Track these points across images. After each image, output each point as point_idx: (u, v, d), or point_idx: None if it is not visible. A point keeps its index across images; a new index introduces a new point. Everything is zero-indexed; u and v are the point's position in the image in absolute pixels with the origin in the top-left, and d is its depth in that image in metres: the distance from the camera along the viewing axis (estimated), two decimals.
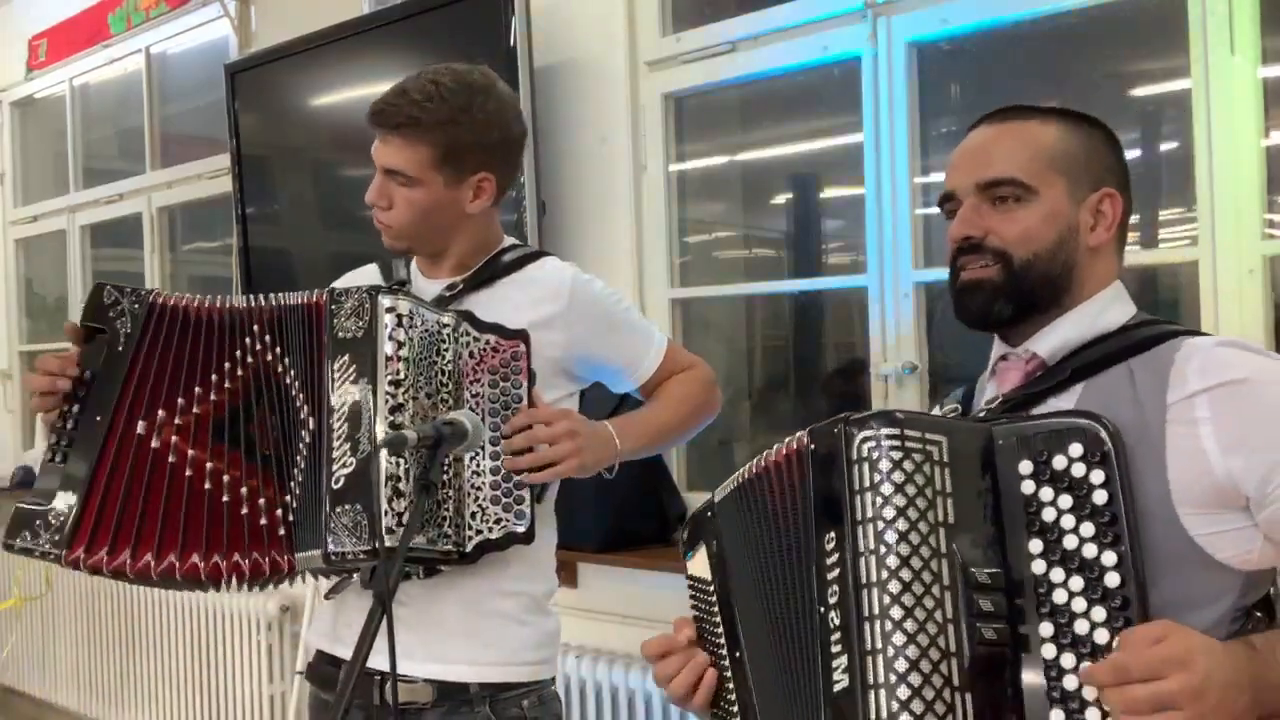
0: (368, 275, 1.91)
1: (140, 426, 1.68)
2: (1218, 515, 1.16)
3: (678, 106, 3.11)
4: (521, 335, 1.74)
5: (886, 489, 1.14)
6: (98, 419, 1.68)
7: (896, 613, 1.10)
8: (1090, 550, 1.12)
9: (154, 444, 1.68)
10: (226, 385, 1.70)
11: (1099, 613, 1.10)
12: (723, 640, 1.33)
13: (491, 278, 1.83)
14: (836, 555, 1.16)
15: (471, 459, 1.68)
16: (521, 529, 1.69)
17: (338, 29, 3.52)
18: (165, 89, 4.91)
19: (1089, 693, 1.09)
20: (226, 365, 1.70)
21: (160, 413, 1.68)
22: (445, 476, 1.65)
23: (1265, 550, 1.17)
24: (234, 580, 1.67)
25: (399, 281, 1.86)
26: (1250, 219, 2.15)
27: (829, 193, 3.14)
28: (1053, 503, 1.15)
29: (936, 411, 1.40)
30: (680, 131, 3.12)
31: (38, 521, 1.66)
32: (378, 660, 1.38)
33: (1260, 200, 2.16)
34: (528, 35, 3.00)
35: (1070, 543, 1.13)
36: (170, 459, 1.68)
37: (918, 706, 1.08)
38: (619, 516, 2.85)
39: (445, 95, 1.74)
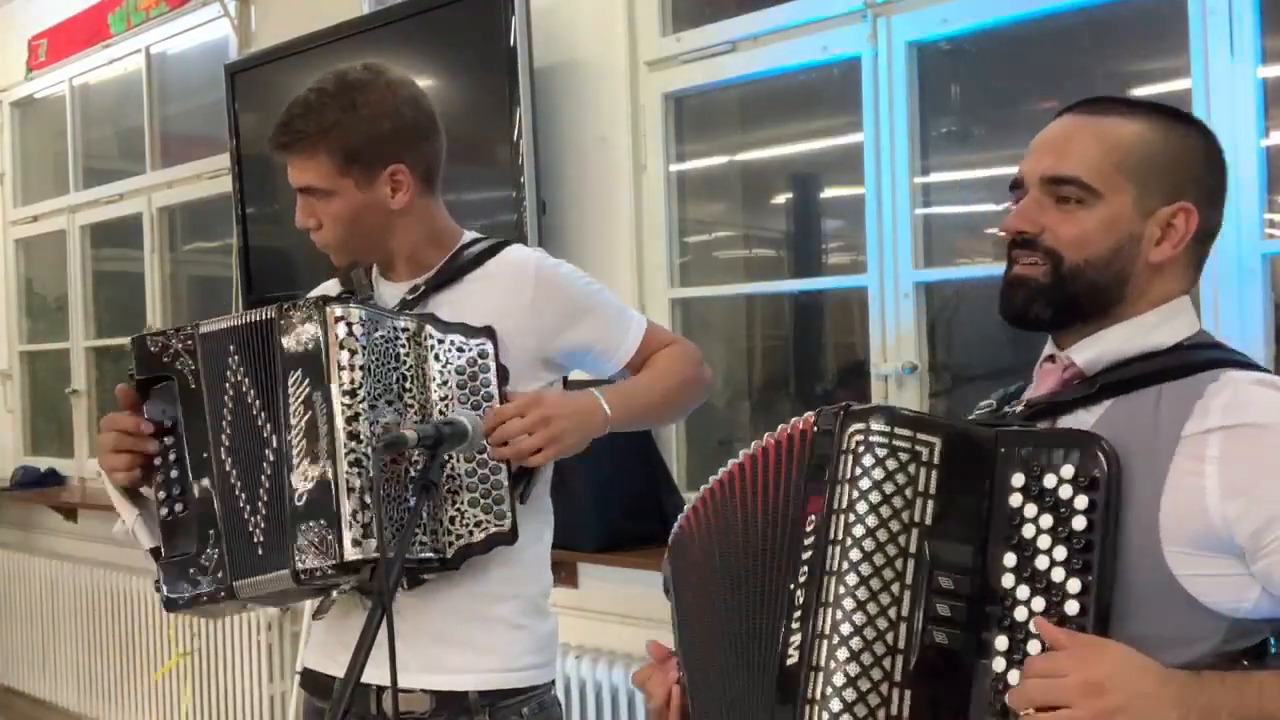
0: (328, 290, 1.88)
1: (223, 452, 1.65)
2: (1207, 558, 1.13)
3: (678, 106, 3.11)
4: (487, 331, 1.71)
5: (864, 484, 1.16)
6: (205, 455, 1.65)
7: (849, 603, 1.14)
8: (1058, 574, 1.12)
9: (229, 465, 1.65)
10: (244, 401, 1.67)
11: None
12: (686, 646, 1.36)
13: (454, 276, 1.80)
14: (813, 538, 1.19)
15: (446, 462, 1.64)
16: (503, 528, 1.66)
17: (338, 29, 3.51)
18: (165, 89, 4.90)
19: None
20: (244, 380, 1.67)
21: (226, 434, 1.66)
22: (445, 475, 1.63)
23: (1262, 601, 1.13)
24: None
25: (349, 290, 1.82)
26: (1250, 219, 2.15)
27: (829, 193, 3.14)
28: (1034, 520, 1.14)
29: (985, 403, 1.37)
30: (680, 131, 3.12)
31: (191, 570, 1.63)
32: (372, 673, 1.37)
33: (1260, 200, 2.15)
34: (528, 35, 3.00)
35: (1041, 563, 1.13)
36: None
37: (849, 694, 1.12)
38: (619, 516, 2.84)
39: (326, 100, 1.72)
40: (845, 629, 1.13)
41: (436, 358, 1.69)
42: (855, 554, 1.15)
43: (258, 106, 3.90)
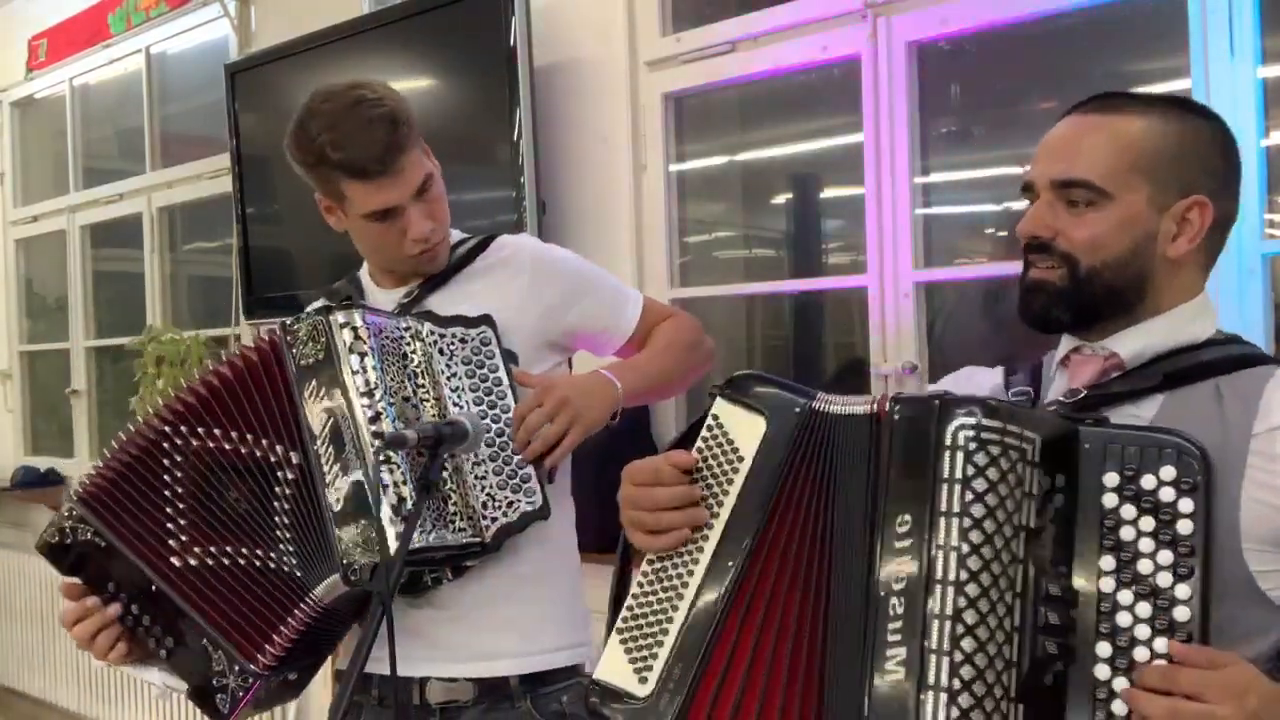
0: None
1: (175, 560, 1.66)
2: (1278, 554, 1.14)
3: (678, 106, 3.11)
4: (485, 320, 1.74)
5: (979, 485, 1.09)
6: (153, 589, 1.66)
7: (970, 617, 1.07)
8: (1164, 579, 1.08)
9: (193, 563, 1.66)
10: (180, 492, 1.67)
11: (1161, 644, 1.08)
12: (713, 521, 1.22)
13: (446, 276, 1.83)
14: (910, 540, 1.11)
15: (449, 460, 1.66)
16: (535, 505, 1.69)
17: (338, 29, 3.52)
18: (165, 89, 4.90)
19: None
20: (167, 477, 1.67)
21: (171, 542, 1.66)
22: (446, 472, 1.64)
23: None
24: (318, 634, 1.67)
25: (346, 297, 1.84)
26: (1250, 219, 2.15)
27: (829, 193, 3.14)
28: (1134, 522, 1.10)
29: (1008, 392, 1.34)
30: (680, 131, 3.12)
31: (214, 682, 1.64)
32: (411, 667, 1.37)
33: (1260, 200, 2.16)
34: (528, 35, 3.00)
35: (1145, 567, 1.09)
36: (209, 564, 1.66)
37: (977, 717, 1.05)
38: (619, 516, 2.84)
39: (395, 99, 1.75)
40: (968, 644, 1.06)
41: (441, 352, 1.71)
42: (974, 562, 1.08)
43: (258, 106, 3.90)
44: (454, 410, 1.67)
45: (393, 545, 1.54)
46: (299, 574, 1.63)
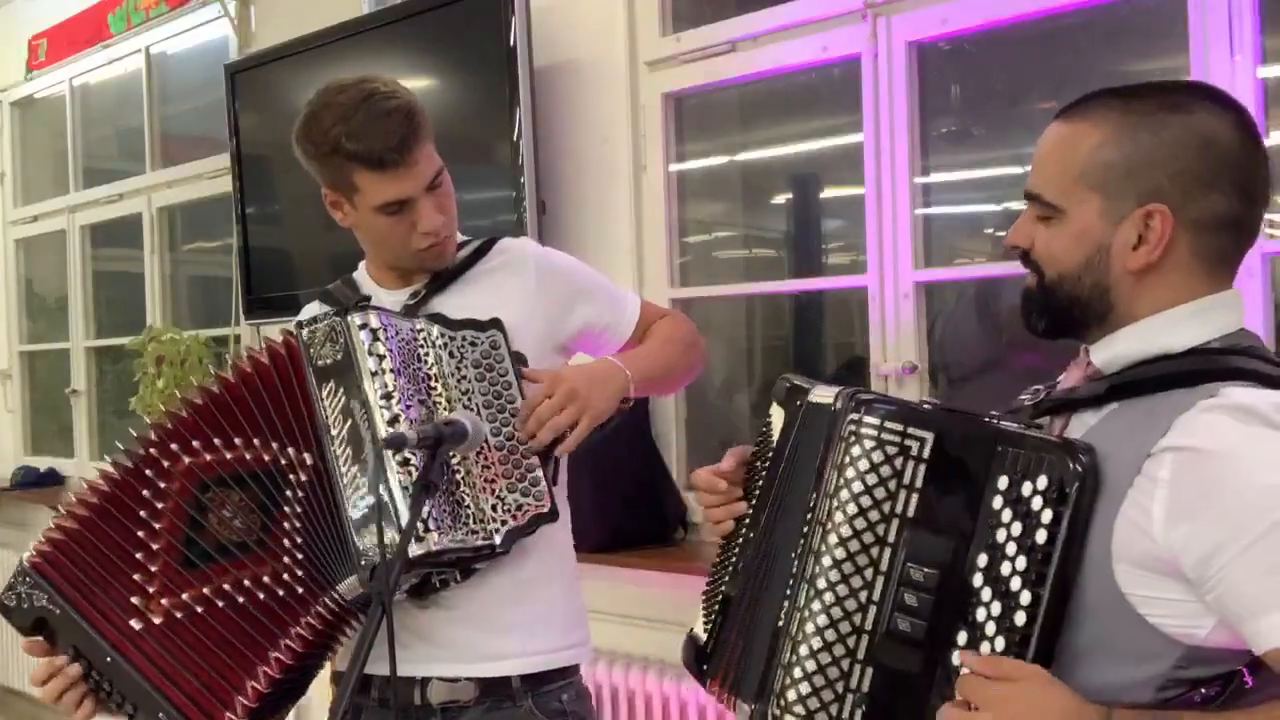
0: (314, 313, 1.87)
1: (135, 624, 1.64)
2: (1154, 580, 1.11)
3: (678, 106, 3.11)
4: (495, 323, 1.75)
5: (850, 473, 1.22)
6: (109, 660, 1.65)
7: (821, 583, 1.22)
8: (1015, 583, 1.15)
9: (157, 621, 1.64)
10: (158, 527, 1.65)
11: (1000, 642, 1.14)
12: (754, 501, 1.45)
13: (452, 277, 1.83)
14: (810, 515, 1.27)
15: (478, 454, 1.68)
16: (544, 508, 1.70)
17: (338, 29, 3.51)
18: (165, 89, 4.90)
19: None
20: (144, 519, 1.65)
21: (135, 599, 1.65)
22: (458, 475, 1.65)
23: (1218, 632, 1.10)
24: (312, 656, 1.67)
25: (364, 297, 1.85)
26: None
27: (829, 193, 3.14)
28: (1006, 525, 1.17)
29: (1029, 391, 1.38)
30: (680, 131, 3.12)
31: None
32: (414, 667, 1.37)
33: None
34: (528, 35, 3.00)
35: (1005, 569, 1.16)
36: (178, 617, 1.64)
37: (810, 665, 1.20)
38: (619, 516, 2.85)
39: (407, 96, 1.76)
40: (815, 605, 1.21)
41: (452, 355, 1.72)
42: (832, 538, 1.22)
43: (258, 106, 3.90)
44: (439, 418, 1.67)
45: (413, 549, 1.54)
46: (314, 575, 1.63)
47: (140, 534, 1.65)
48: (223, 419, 1.67)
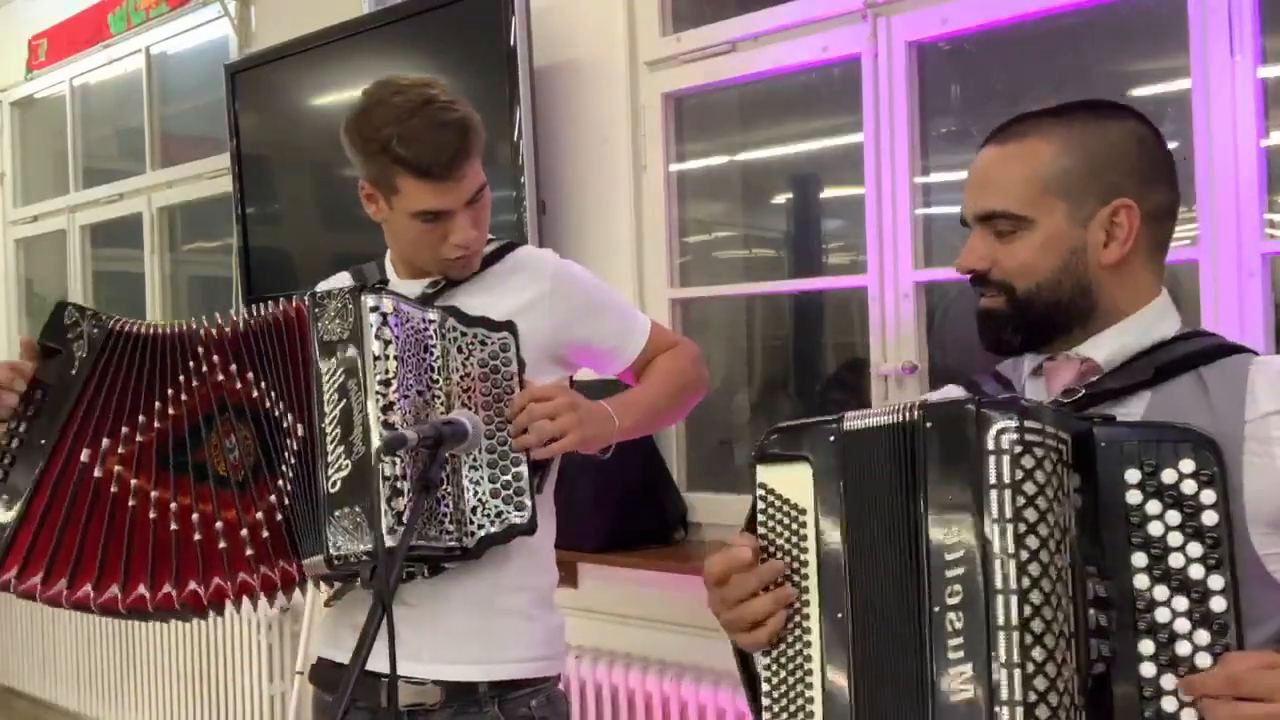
0: (340, 283, 1.89)
1: (84, 454, 1.66)
2: (1278, 535, 1.16)
3: (678, 106, 3.11)
4: (508, 326, 1.74)
5: (1029, 488, 1.07)
6: (42, 441, 1.66)
7: (1037, 625, 1.04)
8: (1196, 571, 1.10)
9: (97, 473, 1.66)
10: (171, 412, 1.68)
11: (1202, 636, 1.09)
12: (805, 585, 1.19)
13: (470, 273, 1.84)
14: (962, 552, 1.08)
15: (469, 454, 1.67)
16: (523, 520, 1.68)
17: (338, 29, 3.51)
18: (165, 89, 4.90)
19: (1187, 716, 1.07)
20: (170, 392, 1.68)
21: (105, 440, 1.67)
22: (444, 473, 1.64)
23: None
24: (244, 600, 1.67)
25: (381, 281, 1.85)
26: (1250, 219, 2.15)
27: (829, 193, 3.14)
28: (1160, 517, 1.11)
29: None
30: (680, 131, 3.12)
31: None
32: (380, 663, 1.37)
33: (1260, 200, 2.15)
34: (528, 35, 3.00)
35: (1176, 561, 1.10)
36: (113, 489, 1.66)
37: None
38: (619, 516, 2.84)
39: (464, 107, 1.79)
40: (1038, 654, 1.04)
41: (460, 350, 1.72)
42: (1034, 568, 1.06)
43: (258, 106, 3.90)
44: (439, 418, 1.66)
45: (387, 538, 1.53)
46: (281, 539, 1.64)
47: (156, 404, 1.68)
48: (246, 352, 1.68)
